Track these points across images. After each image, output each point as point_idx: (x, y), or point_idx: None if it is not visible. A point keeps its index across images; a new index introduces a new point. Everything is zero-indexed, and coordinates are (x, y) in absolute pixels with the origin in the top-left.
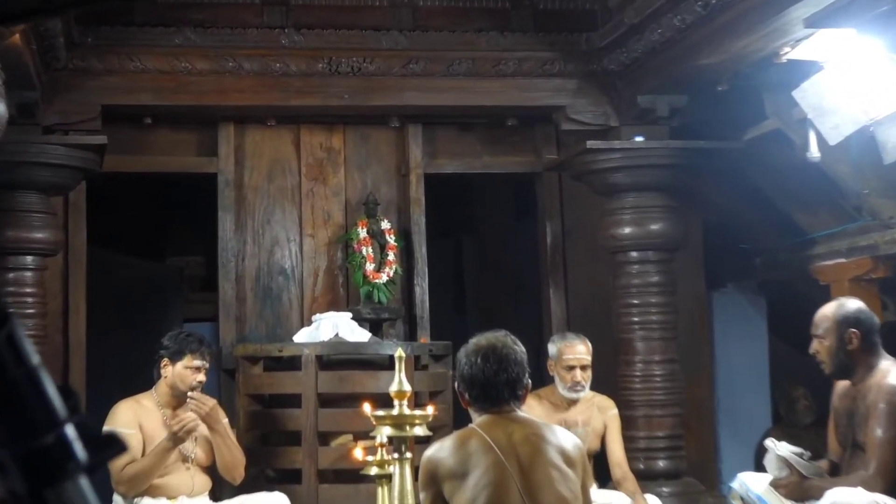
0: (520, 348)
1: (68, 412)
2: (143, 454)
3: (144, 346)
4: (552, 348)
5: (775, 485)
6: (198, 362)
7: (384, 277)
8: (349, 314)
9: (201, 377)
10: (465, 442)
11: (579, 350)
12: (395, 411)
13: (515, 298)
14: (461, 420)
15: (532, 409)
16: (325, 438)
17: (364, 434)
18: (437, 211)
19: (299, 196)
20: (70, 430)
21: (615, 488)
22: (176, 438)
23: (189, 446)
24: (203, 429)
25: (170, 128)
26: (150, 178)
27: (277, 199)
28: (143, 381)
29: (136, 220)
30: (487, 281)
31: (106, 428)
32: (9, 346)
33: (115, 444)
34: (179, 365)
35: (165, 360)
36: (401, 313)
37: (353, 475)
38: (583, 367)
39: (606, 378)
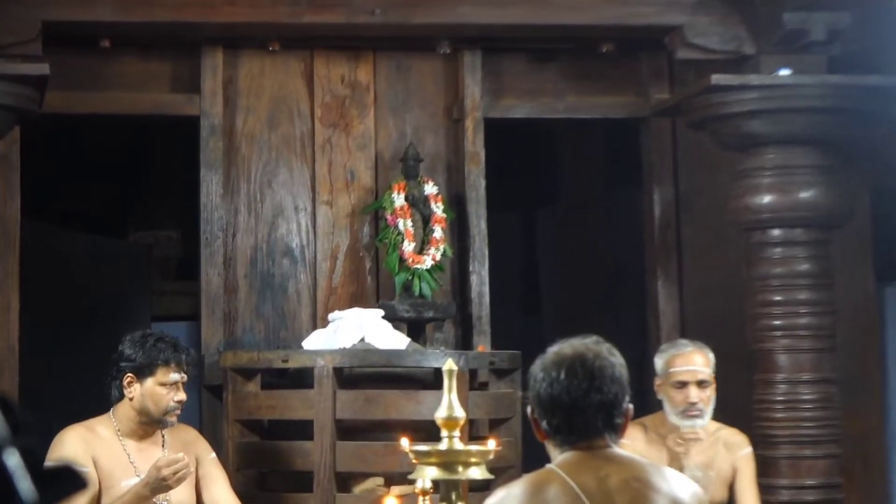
0: (617, 360)
1: (9, 433)
2: (97, 500)
3: (99, 355)
4: (660, 361)
5: None
6: (174, 376)
7: (428, 262)
8: (379, 312)
9: (180, 396)
10: (540, 489)
11: (696, 361)
12: (442, 446)
13: (610, 293)
14: (534, 459)
15: (634, 443)
16: (345, 482)
17: (399, 477)
18: (501, 172)
19: (312, 149)
20: (11, 458)
21: None
22: (160, 485)
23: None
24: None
25: (136, 54)
26: (109, 122)
27: (282, 153)
28: (96, 400)
29: (89, 181)
30: (570, 269)
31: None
32: None
33: (72, 480)
34: (150, 382)
35: (130, 377)
36: (451, 311)
37: None
38: (700, 385)
39: (736, 404)
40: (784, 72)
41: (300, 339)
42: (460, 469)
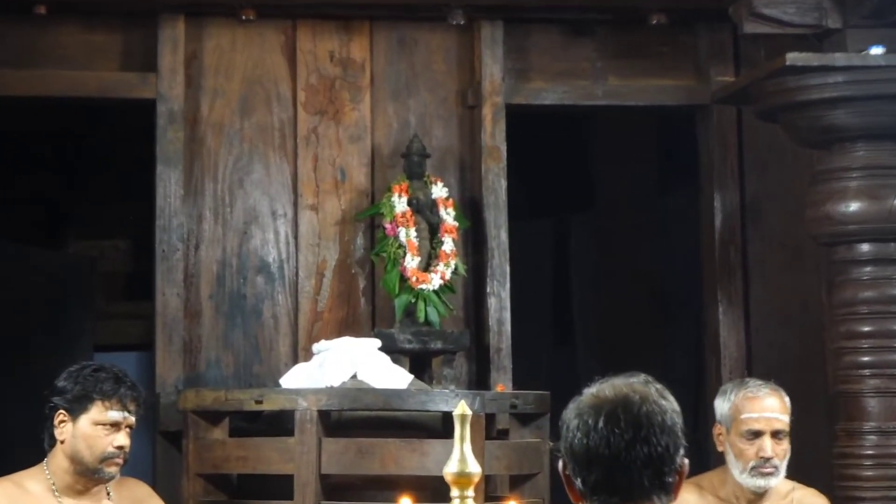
0: (669, 405)
1: None
2: None
3: (30, 393)
4: (724, 405)
5: None
6: (114, 414)
7: (436, 281)
8: (376, 342)
9: (120, 440)
10: None
11: (771, 406)
12: None
13: (659, 321)
14: None
15: None
16: None
17: None
18: (527, 170)
19: (294, 141)
20: None
21: None
22: None
23: None
24: None
25: (78, 23)
26: (44, 106)
27: (257, 147)
28: (27, 449)
29: (20, 178)
30: (611, 290)
31: None
32: None
33: None
34: (84, 420)
35: (62, 414)
36: (464, 342)
37: None
38: (776, 436)
39: (813, 459)
40: (876, 50)
41: (278, 376)
42: None
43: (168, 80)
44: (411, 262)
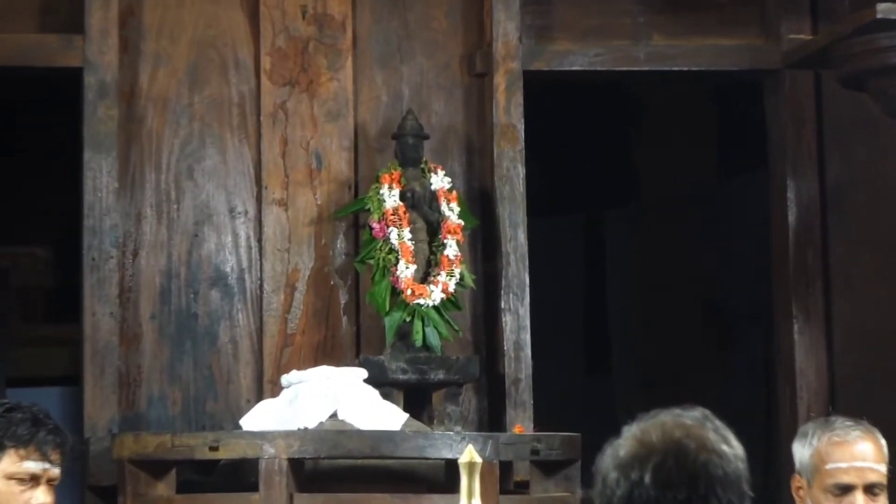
0: (732, 451)
1: None
2: None
3: None
4: (803, 451)
5: None
6: (31, 465)
7: (436, 294)
8: (361, 372)
9: (40, 497)
10: None
11: (861, 454)
12: None
13: (717, 341)
14: None
15: None
16: None
17: None
18: (551, 155)
19: (257, 120)
20: None
21: None
22: None
23: None
24: None
25: None
26: None
27: (210, 127)
28: None
29: None
30: (657, 303)
31: None
32: None
33: None
34: None
35: None
36: (472, 372)
37: None
38: (869, 491)
39: None
40: None
41: (238, 416)
42: None
43: (98, 44)
44: (405, 271)
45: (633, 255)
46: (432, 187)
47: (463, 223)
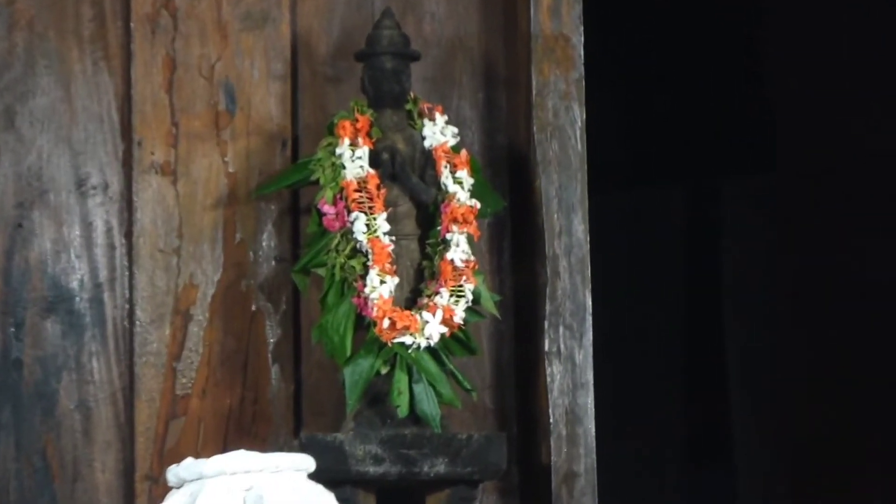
0: None
1: None
2: None
3: None
4: None
5: None
6: None
7: (433, 328)
8: (301, 461)
9: None
10: None
11: None
12: None
13: None
14: None
15: None
16: None
17: None
18: (630, 90)
19: (124, 26)
20: None
21: None
22: None
23: None
24: None
25: None
26: None
27: (43, 38)
28: None
29: None
30: (809, 339)
31: None
32: None
33: None
34: None
35: None
36: (495, 461)
37: None
38: None
39: None
40: None
41: None
42: None
43: None
44: (380, 288)
45: (768, 249)
46: (426, 144)
47: (479, 205)
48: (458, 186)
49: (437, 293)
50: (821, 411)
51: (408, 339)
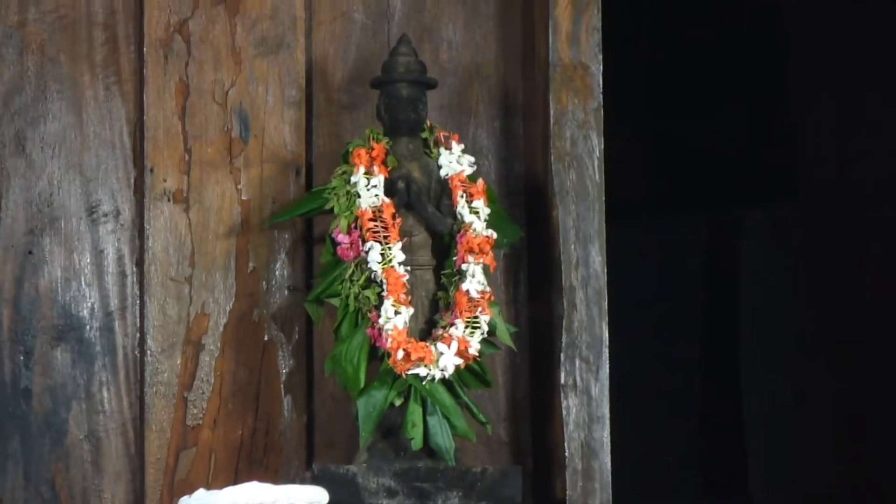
0: None
1: None
2: None
3: None
4: None
5: None
6: None
7: (448, 359)
8: (314, 493)
9: None
10: None
11: None
12: None
13: None
14: None
15: None
16: None
17: None
18: (651, 115)
19: (137, 50)
20: None
21: None
22: None
23: None
24: None
25: None
26: None
27: (54, 62)
28: None
29: None
30: (832, 371)
31: None
32: None
33: None
34: None
35: None
36: (510, 493)
37: None
38: None
39: None
40: None
41: None
42: None
43: None
44: (394, 319)
45: (796, 282)
46: (442, 173)
47: (495, 235)
48: (475, 216)
49: (452, 324)
50: (843, 447)
51: (422, 371)
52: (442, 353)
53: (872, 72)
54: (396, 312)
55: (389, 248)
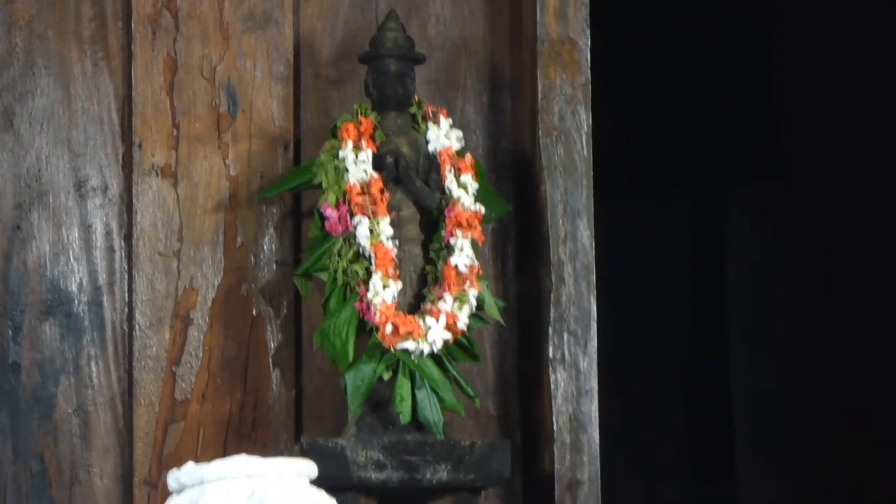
0: None
1: None
2: None
3: None
4: None
5: None
6: None
7: (436, 333)
8: (303, 466)
9: None
10: None
11: None
12: None
13: None
14: None
15: None
16: None
17: None
18: (637, 94)
19: (125, 26)
20: None
21: None
22: None
23: None
24: None
25: None
26: None
27: (42, 38)
28: None
29: None
30: (819, 349)
31: None
32: None
33: None
34: None
35: None
36: (499, 469)
37: None
38: None
39: None
40: None
41: None
42: None
43: None
44: (382, 293)
45: (781, 263)
46: (430, 148)
47: (483, 210)
48: (463, 191)
49: (440, 298)
50: (828, 424)
51: (411, 345)
52: (430, 328)
53: (860, 52)
54: (385, 287)
55: (377, 223)
